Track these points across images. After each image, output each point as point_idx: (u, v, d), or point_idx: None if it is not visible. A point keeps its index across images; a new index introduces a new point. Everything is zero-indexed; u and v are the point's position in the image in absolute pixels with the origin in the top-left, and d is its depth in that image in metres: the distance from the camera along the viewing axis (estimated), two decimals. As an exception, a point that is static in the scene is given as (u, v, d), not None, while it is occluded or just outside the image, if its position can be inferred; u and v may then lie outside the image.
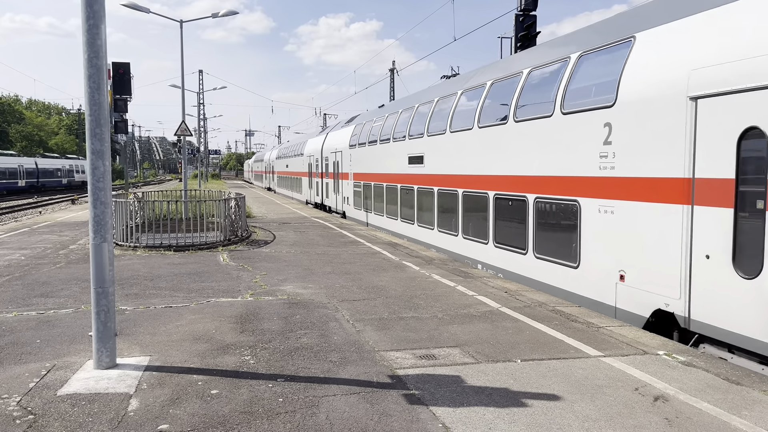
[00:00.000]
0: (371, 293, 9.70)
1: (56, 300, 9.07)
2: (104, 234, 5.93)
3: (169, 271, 11.61)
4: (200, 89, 57.03)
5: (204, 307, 8.69)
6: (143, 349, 6.67)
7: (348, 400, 5.24)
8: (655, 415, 4.99)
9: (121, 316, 7.95)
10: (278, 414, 4.94)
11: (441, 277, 11.11)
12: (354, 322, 7.89)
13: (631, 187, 8.13)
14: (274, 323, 7.77)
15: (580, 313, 8.50)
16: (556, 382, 5.73)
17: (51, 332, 7.30)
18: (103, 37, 5.83)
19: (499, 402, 5.22)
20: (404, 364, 6.22)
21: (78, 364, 6.15)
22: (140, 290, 9.82)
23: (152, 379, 5.73)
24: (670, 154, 7.40)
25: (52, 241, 16.19)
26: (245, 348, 6.71)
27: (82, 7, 5.76)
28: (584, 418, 4.91)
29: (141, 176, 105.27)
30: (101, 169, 5.90)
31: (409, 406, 5.13)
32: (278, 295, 9.49)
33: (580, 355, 6.54)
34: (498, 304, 8.95)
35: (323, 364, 6.17)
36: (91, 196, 5.93)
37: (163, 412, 4.97)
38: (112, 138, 54.92)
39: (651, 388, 5.56)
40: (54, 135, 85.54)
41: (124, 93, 11.45)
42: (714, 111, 6.78)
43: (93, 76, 5.81)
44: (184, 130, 23.92)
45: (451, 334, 7.33)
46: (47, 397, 5.27)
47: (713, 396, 5.39)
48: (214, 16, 24.81)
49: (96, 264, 5.92)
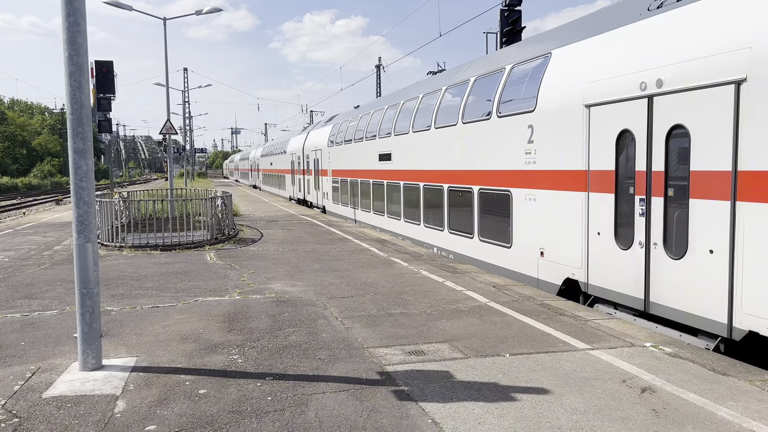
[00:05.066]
0: (360, 290, 9.69)
1: (41, 302, 8.96)
2: (88, 234, 5.86)
3: (155, 271, 11.52)
4: (185, 87, 56.51)
5: (191, 306, 8.63)
6: (130, 349, 6.61)
7: (337, 397, 5.23)
8: (643, 406, 5.03)
9: (106, 317, 7.88)
10: (267, 413, 4.92)
11: (429, 273, 11.11)
12: (343, 319, 7.87)
13: (547, 178, 9.84)
14: (263, 322, 7.73)
15: (567, 306, 8.55)
16: (545, 375, 5.75)
17: (36, 334, 7.22)
18: (84, 34, 5.75)
19: (489, 396, 5.24)
20: (393, 360, 6.21)
21: (63, 366, 6.08)
22: (126, 290, 9.74)
23: (139, 379, 5.68)
24: (574, 151, 9.07)
25: (36, 242, 16.00)
26: (233, 347, 6.67)
27: (61, 4, 5.68)
28: (573, 411, 4.93)
29: (126, 175, 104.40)
30: (84, 168, 5.82)
31: (399, 402, 5.12)
32: (266, 294, 9.44)
33: (568, 349, 6.57)
34: (486, 299, 8.98)
35: (312, 362, 6.15)
36: (74, 196, 5.86)
37: (150, 412, 4.92)
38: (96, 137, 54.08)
39: (638, 380, 5.60)
40: (37, 135, 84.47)
41: (107, 91, 11.33)
42: (600, 116, 8.50)
43: (74, 74, 5.73)
44: (170, 129, 23.73)
45: (439, 329, 7.34)
46: (32, 399, 5.21)
47: (699, 387, 5.44)
48: (198, 13, 24.59)
49: (80, 265, 5.85)
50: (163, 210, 18.64)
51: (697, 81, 6.88)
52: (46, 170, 74.91)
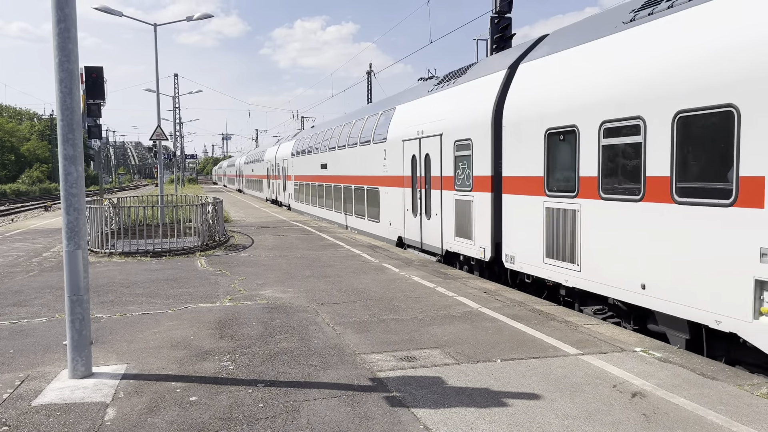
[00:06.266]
0: (351, 296, 9.68)
1: (30, 309, 8.89)
2: (78, 241, 5.83)
3: (145, 278, 11.46)
4: (176, 93, 56.30)
5: (182, 313, 8.59)
6: (120, 357, 6.57)
7: (329, 404, 5.22)
8: (633, 411, 5.05)
9: (96, 324, 7.82)
10: (258, 420, 4.90)
11: (421, 279, 11.13)
12: (334, 325, 7.87)
13: (392, 180, 16.47)
14: (254, 328, 7.71)
15: (558, 312, 8.59)
16: (536, 381, 5.77)
17: (25, 342, 7.16)
18: (75, 41, 5.74)
19: (480, 402, 5.25)
20: (385, 366, 6.22)
21: (53, 373, 6.03)
22: (116, 297, 9.68)
23: (129, 387, 5.64)
24: (399, 165, 15.84)
25: (25, 249, 15.88)
26: (224, 354, 6.64)
27: (52, 10, 5.67)
28: (564, 416, 4.95)
29: (116, 182, 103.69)
30: (74, 174, 5.80)
31: (390, 408, 5.12)
32: (257, 300, 9.42)
33: (559, 354, 6.60)
34: (477, 304, 9.00)
35: (304, 369, 6.14)
36: (64, 203, 5.83)
37: (140, 420, 4.90)
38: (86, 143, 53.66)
39: (629, 385, 5.64)
40: (26, 141, 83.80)
41: (97, 97, 11.24)
42: (406, 147, 15.31)
43: (65, 81, 5.71)
44: (160, 135, 23.64)
45: (431, 335, 7.35)
46: (21, 408, 5.16)
47: (689, 391, 5.48)
48: (189, 19, 24.55)
49: (70, 271, 5.82)
50: (154, 216, 18.55)
51: (430, 133, 13.78)
52: (35, 176, 74.30)
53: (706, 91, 6.55)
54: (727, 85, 6.30)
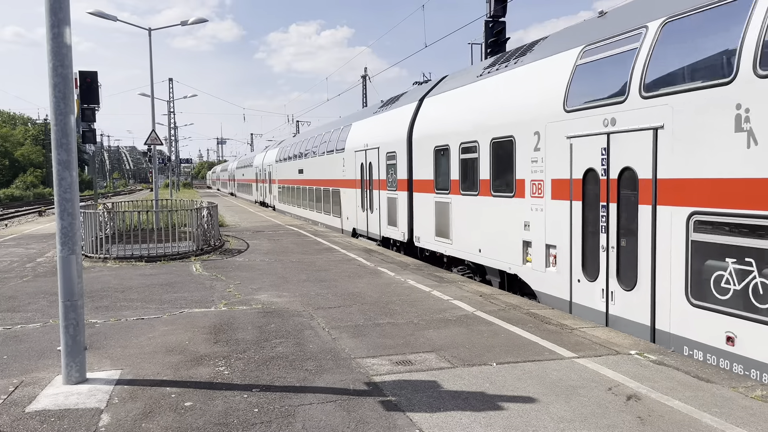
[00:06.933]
0: (347, 300, 9.68)
1: (23, 314, 8.85)
2: (72, 246, 5.81)
3: (140, 283, 11.42)
4: (170, 97, 56.36)
5: (177, 318, 8.57)
6: (114, 362, 6.55)
7: (324, 408, 5.21)
8: (628, 414, 5.06)
9: (91, 330, 7.79)
10: (254, 425, 4.89)
11: (416, 283, 11.13)
12: (330, 329, 7.85)
13: (348, 183, 20.22)
14: (249, 333, 7.69)
15: (553, 315, 8.60)
16: (532, 384, 5.78)
17: (18, 347, 7.12)
18: (69, 45, 5.73)
19: (476, 406, 5.25)
20: (380, 370, 6.21)
21: (47, 379, 6.00)
22: (111, 302, 9.64)
23: (124, 392, 5.62)
24: (354, 170, 19.43)
25: (19, 254, 15.80)
26: (219, 359, 6.62)
27: (46, 15, 5.66)
28: (559, 420, 4.95)
29: (111, 186, 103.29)
30: (68, 179, 5.79)
31: (386, 412, 5.12)
32: (253, 305, 9.40)
33: (554, 357, 6.61)
34: (473, 308, 9.00)
35: (299, 373, 6.13)
36: (58, 208, 5.81)
37: (135, 426, 4.87)
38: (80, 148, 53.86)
39: (624, 388, 5.65)
40: (20, 146, 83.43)
41: (91, 102, 11.21)
42: (358, 156, 19.09)
43: (58, 85, 5.70)
44: (155, 139, 23.58)
45: (427, 339, 7.35)
46: (15, 414, 5.14)
47: (684, 394, 5.49)
48: (184, 24, 24.53)
49: (64, 277, 5.80)
50: (148, 221, 18.50)
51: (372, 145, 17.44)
52: (29, 181, 73.92)
53: (503, 127, 10.50)
54: (509, 123, 10.30)
